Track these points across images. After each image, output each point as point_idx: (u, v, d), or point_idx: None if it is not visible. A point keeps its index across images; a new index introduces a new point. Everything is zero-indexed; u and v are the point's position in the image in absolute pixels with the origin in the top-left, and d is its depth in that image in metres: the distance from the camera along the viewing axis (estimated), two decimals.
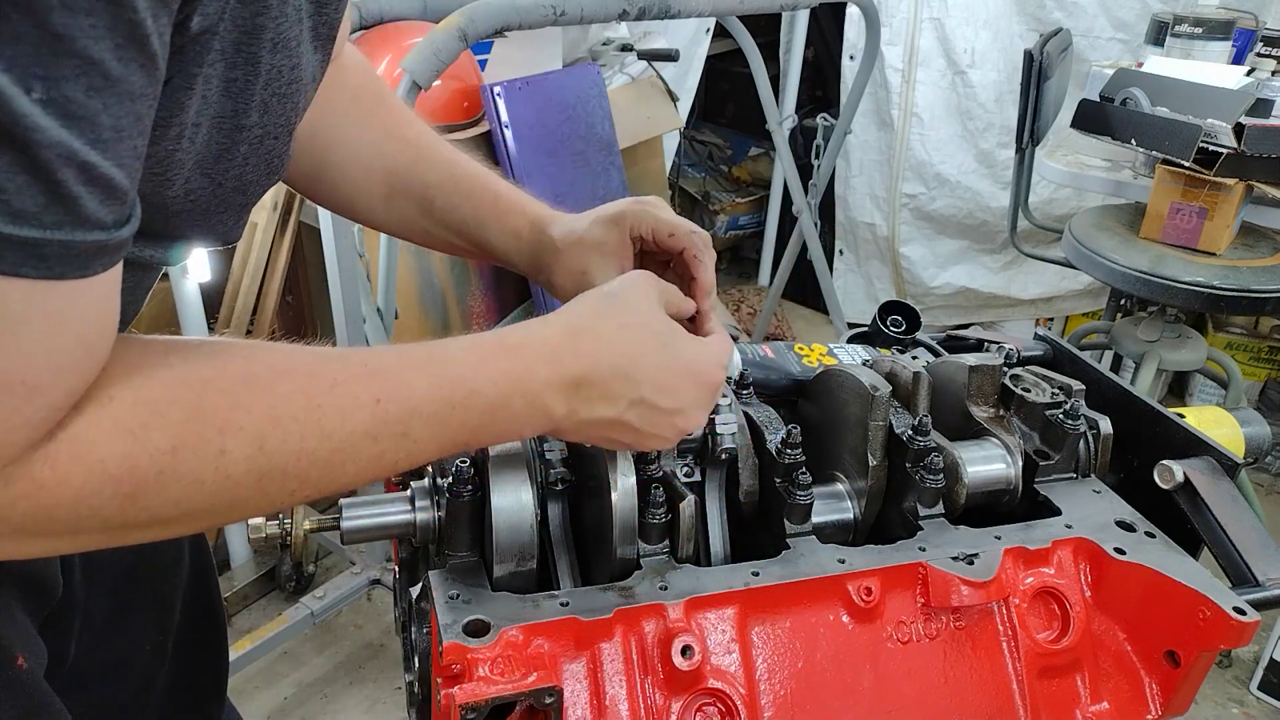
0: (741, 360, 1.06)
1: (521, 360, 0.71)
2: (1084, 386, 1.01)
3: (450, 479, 0.83)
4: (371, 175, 0.99)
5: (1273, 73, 2.43)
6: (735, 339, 1.04)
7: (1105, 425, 0.99)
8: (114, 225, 0.53)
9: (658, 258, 0.93)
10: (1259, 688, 2.43)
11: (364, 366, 0.66)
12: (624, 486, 0.81)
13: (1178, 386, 3.66)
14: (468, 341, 0.72)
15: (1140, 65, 2.49)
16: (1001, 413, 1.02)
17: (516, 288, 2.84)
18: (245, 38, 0.60)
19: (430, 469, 0.91)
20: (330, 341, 2.43)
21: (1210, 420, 1.08)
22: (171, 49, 0.54)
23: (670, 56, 3.04)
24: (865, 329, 1.22)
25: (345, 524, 0.86)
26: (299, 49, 0.67)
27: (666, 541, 0.83)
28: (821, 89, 4.32)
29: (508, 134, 2.49)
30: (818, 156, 3.30)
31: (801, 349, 1.09)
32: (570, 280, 0.93)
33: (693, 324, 0.85)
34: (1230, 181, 2.23)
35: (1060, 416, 0.96)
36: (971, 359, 1.01)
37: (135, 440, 0.57)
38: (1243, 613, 0.78)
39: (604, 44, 3.09)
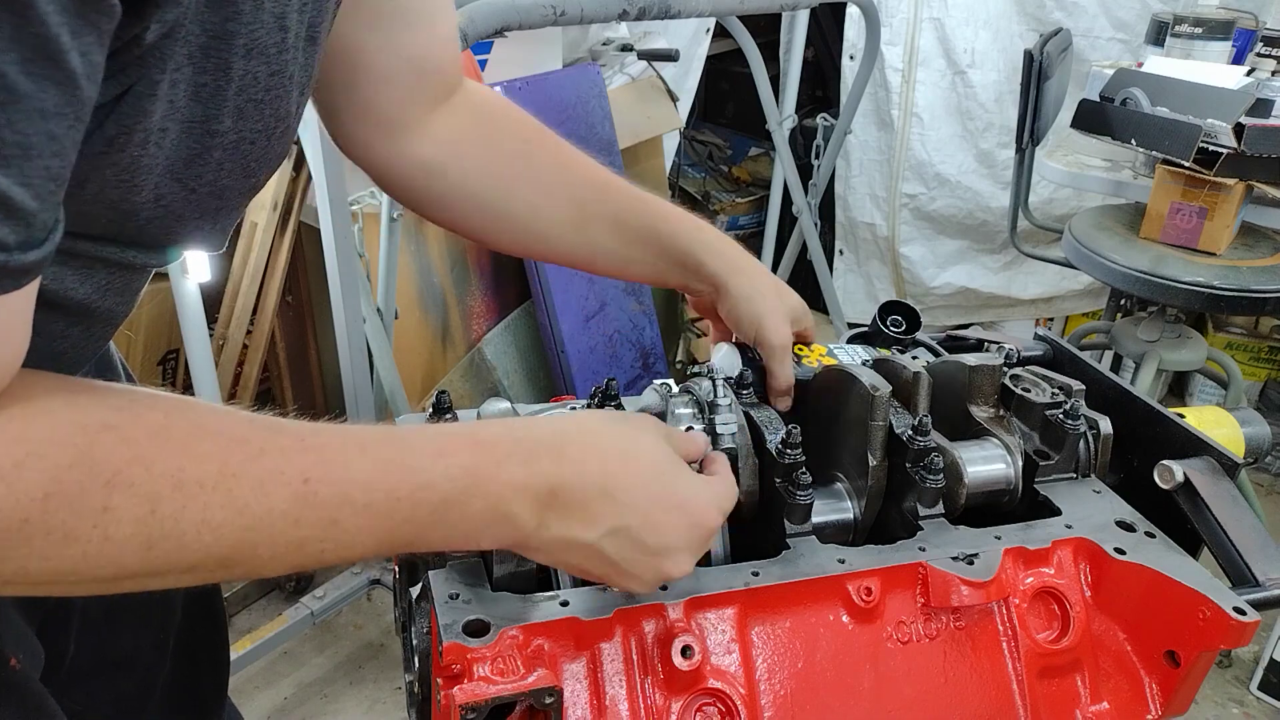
0: (741, 360, 1.06)
1: (491, 455, 0.64)
2: (1084, 386, 1.01)
3: None
4: (559, 206, 1.02)
5: (1273, 73, 2.44)
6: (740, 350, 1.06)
7: (1105, 425, 0.99)
8: (16, 247, 0.48)
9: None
10: (1259, 688, 2.43)
11: (300, 440, 0.59)
12: None
13: (1178, 386, 3.66)
14: (433, 429, 0.66)
15: (1140, 65, 2.49)
16: (1001, 413, 1.02)
17: (517, 287, 2.85)
18: (215, 43, 0.58)
19: None
20: (330, 344, 2.43)
21: (1210, 420, 1.08)
22: (128, 59, 0.53)
23: (670, 56, 3.04)
24: (865, 329, 1.22)
25: None
26: (280, 55, 0.65)
27: None
28: (821, 89, 4.33)
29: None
30: (818, 156, 3.30)
31: (800, 349, 1.09)
32: (755, 302, 1.03)
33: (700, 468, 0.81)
34: (1230, 181, 2.23)
35: (1060, 416, 0.96)
36: (971, 359, 1.01)
37: (2, 481, 0.50)
38: (1243, 613, 0.78)
39: (604, 44, 3.09)
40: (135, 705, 1.08)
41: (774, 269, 3.92)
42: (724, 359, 1.07)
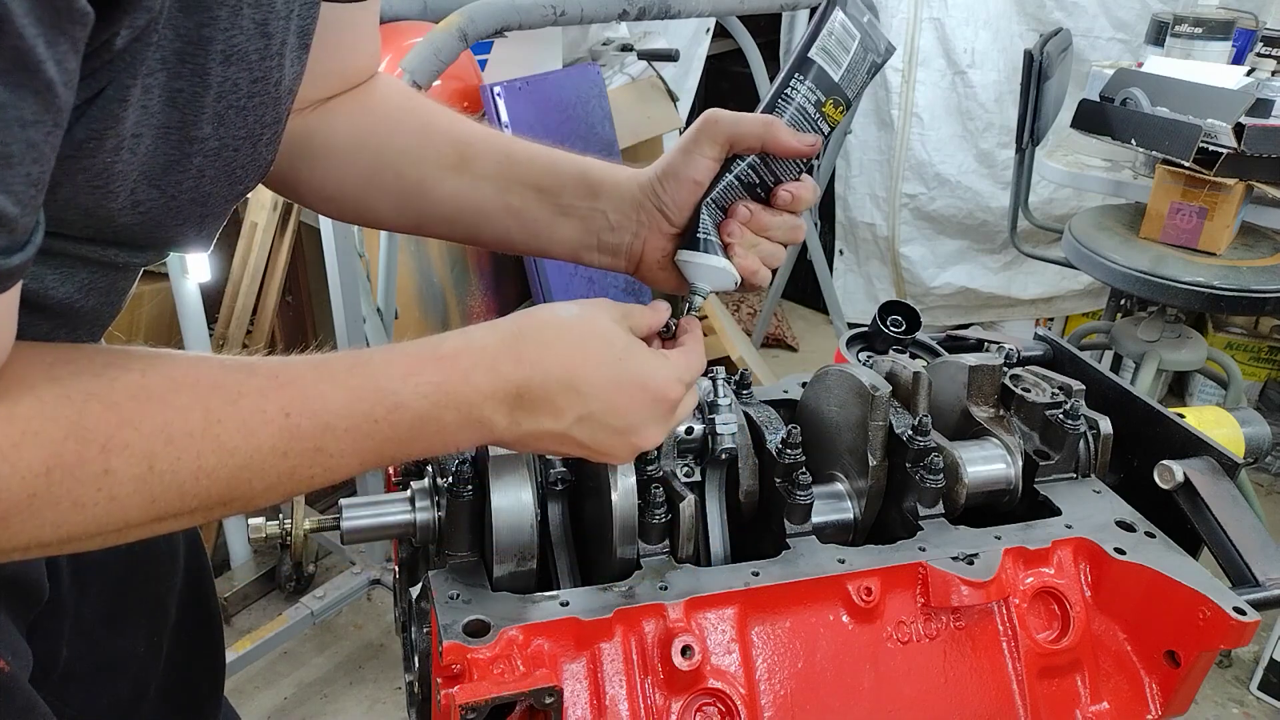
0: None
1: (456, 369, 0.66)
2: (1084, 386, 1.01)
3: (450, 479, 0.83)
4: (440, 148, 0.93)
5: (1273, 73, 2.44)
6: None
7: (1105, 425, 0.99)
8: (0, 252, 0.50)
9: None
10: (1259, 688, 2.43)
11: (274, 378, 0.62)
12: (624, 486, 0.81)
13: (1178, 386, 3.66)
14: (396, 350, 0.67)
15: (1140, 65, 2.49)
16: (1001, 413, 1.02)
17: (517, 286, 2.85)
18: (190, 48, 0.58)
19: (430, 469, 0.92)
20: (330, 343, 2.43)
21: (1210, 420, 1.08)
22: (98, 64, 0.53)
23: (670, 56, 3.04)
24: (865, 329, 1.22)
25: (345, 524, 0.86)
26: (263, 63, 0.64)
27: (666, 541, 0.83)
28: None
29: (508, 134, 2.49)
30: (818, 156, 3.30)
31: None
32: (687, 189, 0.86)
33: (668, 338, 0.81)
34: (1230, 181, 2.23)
35: (1060, 416, 0.96)
36: (971, 359, 1.01)
37: (4, 461, 0.52)
38: (1243, 613, 0.78)
39: (604, 44, 3.09)
40: (129, 707, 1.08)
41: (774, 269, 3.92)
42: (708, 267, 0.89)
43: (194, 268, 2.09)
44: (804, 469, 0.86)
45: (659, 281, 0.95)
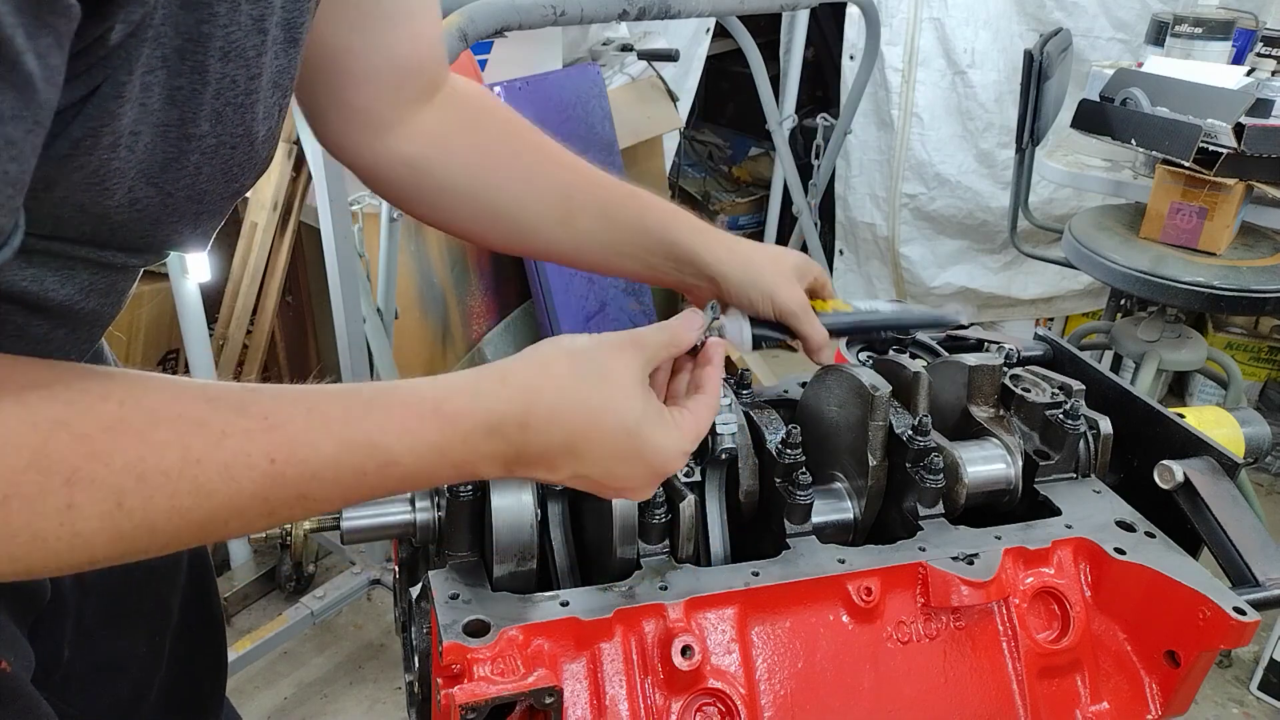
0: (750, 326, 1.00)
1: (457, 431, 0.64)
2: (1084, 386, 1.01)
3: None
4: (544, 198, 1.01)
5: (1273, 73, 2.43)
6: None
7: (1105, 425, 0.99)
8: None
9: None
10: (1259, 688, 2.43)
11: (263, 420, 0.59)
12: None
13: (1178, 386, 3.66)
14: (396, 398, 0.64)
15: (1140, 65, 2.49)
16: (1001, 413, 1.02)
17: (517, 287, 2.85)
18: (190, 45, 0.57)
19: None
20: (330, 344, 2.43)
21: (1210, 420, 1.08)
22: (92, 60, 0.52)
23: (670, 56, 3.04)
24: None
25: (345, 524, 0.86)
26: (259, 59, 0.64)
27: (666, 541, 0.83)
28: (821, 89, 4.33)
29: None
30: (818, 156, 3.30)
31: (818, 305, 1.04)
32: (760, 275, 0.99)
33: (694, 358, 0.81)
34: (1230, 181, 2.23)
35: (1060, 416, 0.96)
36: (971, 359, 1.01)
37: None
38: (1243, 613, 0.78)
39: (604, 44, 3.09)
40: (130, 707, 1.08)
41: None
42: (732, 322, 1.01)
43: (194, 268, 2.09)
44: (804, 469, 0.86)
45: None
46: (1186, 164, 2.22)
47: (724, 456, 0.91)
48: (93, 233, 0.64)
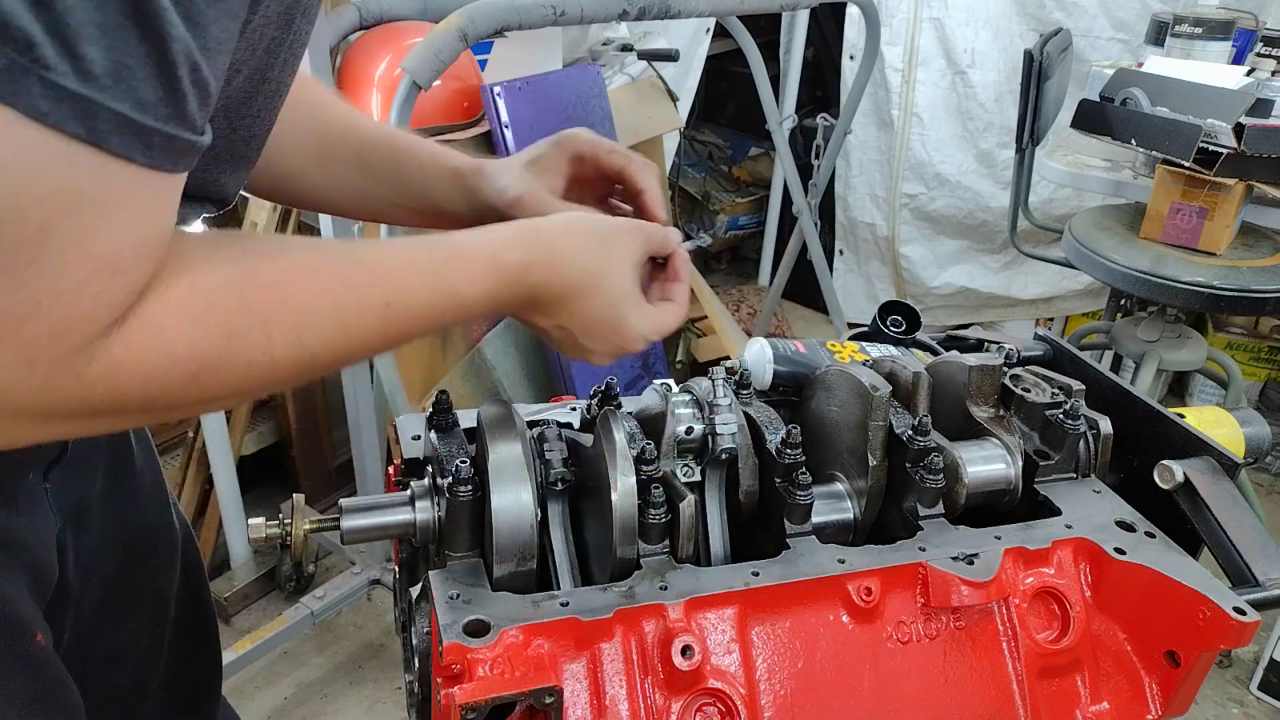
0: (773, 354, 1.05)
1: (504, 279, 0.79)
2: (1084, 386, 1.01)
3: (450, 479, 0.83)
4: (306, 143, 1.02)
5: (1273, 73, 2.44)
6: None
7: (1105, 425, 0.99)
8: (200, 130, 0.59)
9: (594, 187, 1.04)
10: (1259, 688, 2.43)
11: (373, 271, 0.74)
12: (624, 486, 0.81)
13: (1178, 386, 3.66)
14: (468, 254, 0.79)
15: (1140, 65, 2.49)
16: (1001, 413, 1.02)
17: None
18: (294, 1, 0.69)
19: (430, 469, 0.91)
20: None
21: (1210, 420, 1.08)
22: None
23: (670, 56, 3.04)
24: (865, 329, 1.22)
25: (345, 524, 0.86)
26: (313, 13, 0.75)
27: (666, 541, 0.83)
28: (821, 89, 4.33)
29: (508, 134, 2.49)
30: (818, 156, 3.30)
31: (834, 346, 1.08)
32: (513, 197, 1.02)
33: (665, 267, 0.93)
34: (1230, 181, 2.23)
35: (1060, 416, 0.96)
36: (971, 359, 1.01)
37: (198, 326, 0.62)
38: (1243, 613, 0.78)
39: (604, 44, 3.09)
40: (131, 699, 1.08)
41: (774, 269, 3.92)
42: (755, 355, 1.06)
43: None
44: (804, 469, 0.86)
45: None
46: (1186, 164, 2.22)
47: (724, 456, 0.91)
48: None
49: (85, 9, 0.50)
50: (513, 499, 0.81)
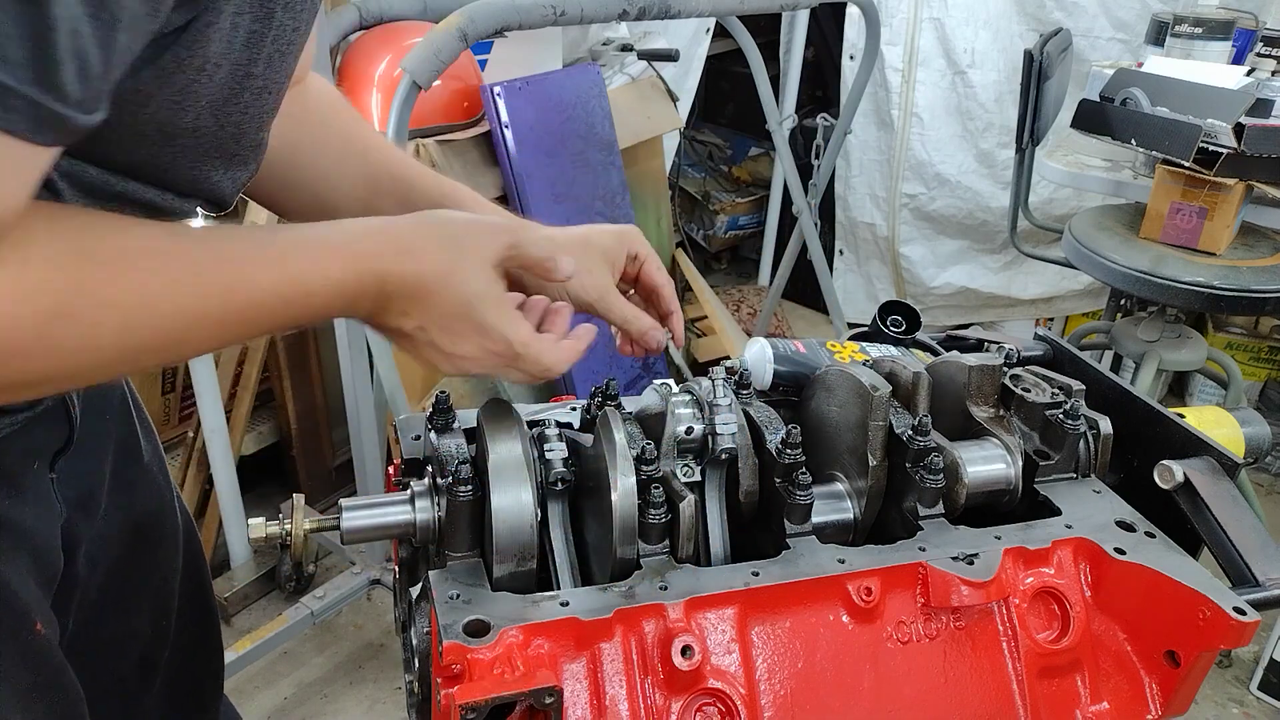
0: (774, 354, 1.05)
1: (349, 270, 0.76)
2: (1084, 386, 1.01)
3: (450, 479, 0.83)
4: (353, 180, 1.02)
5: (1273, 73, 2.43)
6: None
7: (1105, 425, 0.99)
8: (76, 105, 0.56)
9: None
10: (1259, 688, 2.43)
11: (218, 255, 0.71)
12: (624, 486, 0.81)
13: (1178, 386, 3.66)
14: (316, 238, 0.76)
15: (1140, 65, 2.49)
16: (1001, 413, 1.02)
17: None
18: None
19: (430, 468, 0.91)
20: (330, 344, 2.43)
21: (1210, 420, 1.08)
22: None
23: (670, 56, 3.04)
24: (865, 329, 1.22)
25: (345, 524, 0.86)
26: (303, 12, 0.73)
27: (666, 541, 0.83)
28: (821, 89, 4.33)
29: (508, 134, 2.49)
30: (818, 156, 3.30)
31: (834, 346, 1.08)
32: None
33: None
34: (1230, 181, 2.23)
35: (1060, 416, 0.96)
36: (971, 359, 1.01)
37: (23, 303, 0.60)
38: (1243, 613, 0.78)
39: (604, 44, 3.09)
40: (138, 687, 1.08)
41: (774, 269, 3.92)
42: (756, 355, 1.06)
43: None
44: (804, 469, 0.86)
45: None
46: (1186, 164, 2.21)
47: (724, 456, 0.91)
48: (154, 158, 0.72)
49: None
50: (513, 499, 0.81)
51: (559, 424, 0.94)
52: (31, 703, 0.84)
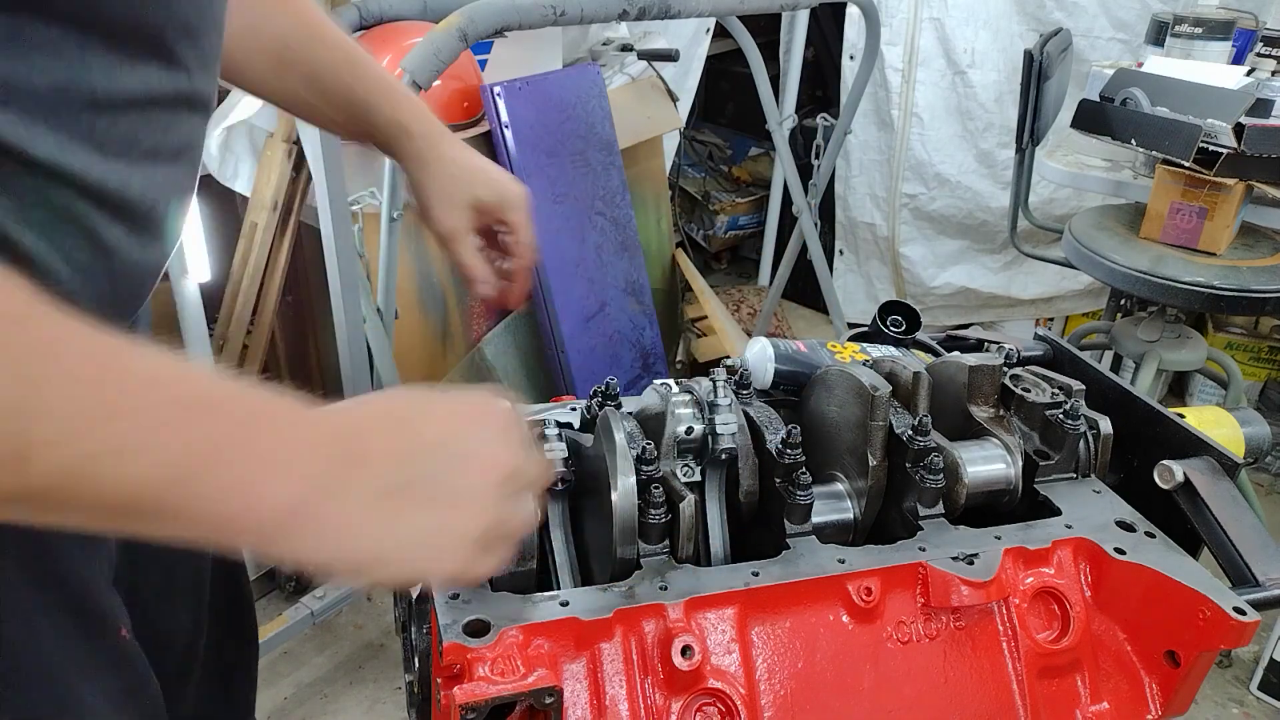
0: (775, 354, 1.05)
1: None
2: (1084, 386, 1.01)
3: None
4: (262, 44, 1.00)
5: (1273, 73, 2.43)
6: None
7: (1105, 425, 0.99)
8: None
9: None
10: (1259, 688, 2.43)
11: (53, 338, 0.50)
12: (624, 486, 0.81)
13: (1178, 386, 3.66)
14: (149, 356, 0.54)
15: (1140, 65, 2.49)
16: (1001, 413, 1.02)
17: None
18: None
19: None
20: (330, 344, 2.42)
21: (1210, 420, 1.08)
22: None
23: (670, 56, 3.04)
24: (865, 329, 1.22)
25: None
26: None
27: (666, 541, 0.83)
28: (821, 89, 4.33)
29: (508, 134, 2.49)
30: (818, 156, 3.30)
31: (835, 346, 1.09)
32: (426, 186, 1.06)
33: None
34: (1230, 181, 2.23)
35: (1060, 416, 0.96)
36: (971, 359, 1.01)
37: None
38: (1243, 613, 0.78)
39: (604, 44, 3.09)
40: (179, 680, 1.07)
41: (774, 269, 3.92)
42: (757, 354, 1.06)
43: (194, 268, 2.09)
44: (804, 469, 0.86)
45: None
46: (1186, 164, 2.22)
47: (724, 456, 0.91)
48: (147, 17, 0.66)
49: None
50: None
51: (559, 424, 0.94)
52: (125, 711, 0.83)
